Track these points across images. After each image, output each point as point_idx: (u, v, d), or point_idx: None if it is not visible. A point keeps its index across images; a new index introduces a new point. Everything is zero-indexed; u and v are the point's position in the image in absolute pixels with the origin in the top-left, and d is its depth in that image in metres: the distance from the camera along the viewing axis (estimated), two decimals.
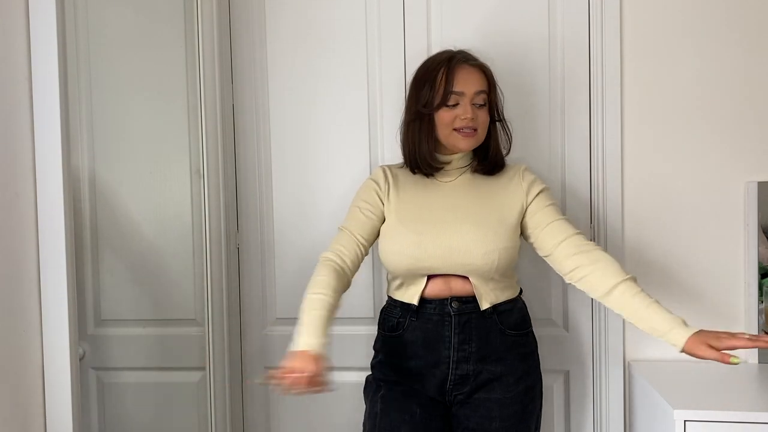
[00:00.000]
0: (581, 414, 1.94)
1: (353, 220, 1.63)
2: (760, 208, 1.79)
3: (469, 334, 1.55)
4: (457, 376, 1.55)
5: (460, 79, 1.56)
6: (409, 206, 1.59)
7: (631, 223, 1.86)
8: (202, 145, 1.84)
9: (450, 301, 1.55)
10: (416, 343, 1.57)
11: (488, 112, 1.59)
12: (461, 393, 1.57)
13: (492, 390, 1.56)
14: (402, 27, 1.92)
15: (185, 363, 1.93)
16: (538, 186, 1.61)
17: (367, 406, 1.63)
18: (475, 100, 1.56)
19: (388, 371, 1.61)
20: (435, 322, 1.56)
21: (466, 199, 1.59)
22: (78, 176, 1.77)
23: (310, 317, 1.46)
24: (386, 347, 1.63)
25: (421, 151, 1.60)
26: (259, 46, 1.97)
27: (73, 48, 1.72)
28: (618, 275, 1.49)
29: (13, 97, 1.23)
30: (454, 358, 1.55)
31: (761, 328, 1.80)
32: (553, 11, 1.88)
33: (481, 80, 1.58)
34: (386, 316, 1.65)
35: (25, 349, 1.25)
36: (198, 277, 1.87)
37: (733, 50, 1.81)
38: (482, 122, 1.58)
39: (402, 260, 1.54)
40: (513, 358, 1.58)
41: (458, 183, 1.62)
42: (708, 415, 1.47)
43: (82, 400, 1.38)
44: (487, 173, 1.63)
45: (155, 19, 1.89)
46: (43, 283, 1.27)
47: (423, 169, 1.62)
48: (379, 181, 1.64)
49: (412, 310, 1.57)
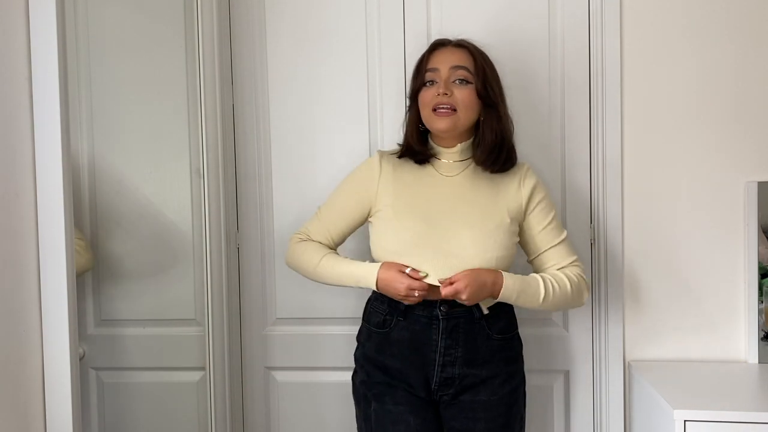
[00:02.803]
0: (581, 414, 1.93)
1: (332, 213, 1.63)
2: (760, 208, 1.79)
3: (456, 339, 1.53)
4: (443, 379, 1.54)
5: (437, 56, 1.55)
6: (407, 200, 1.56)
7: (631, 223, 1.86)
8: (202, 145, 1.84)
9: (439, 304, 1.52)
10: (402, 344, 1.55)
11: (476, 93, 1.53)
12: (446, 394, 1.56)
13: (478, 392, 1.55)
14: (402, 27, 1.92)
15: (185, 363, 1.93)
16: (540, 192, 1.60)
17: (360, 421, 1.63)
18: (453, 76, 1.52)
19: (371, 369, 1.58)
20: (423, 324, 1.53)
21: (467, 198, 1.56)
22: (78, 176, 1.77)
23: (346, 261, 1.57)
24: (371, 342, 1.60)
25: (408, 138, 1.60)
26: (259, 46, 1.97)
27: (73, 48, 1.72)
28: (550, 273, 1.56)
29: (13, 97, 1.23)
30: (439, 361, 1.53)
31: (761, 327, 1.80)
32: (553, 11, 1.88)
33: (461, 57, 1.54)
34: (372, 310, 1.61)
35: (25, 349, 1.25)
36: (198, 277, 1.87)
37: (733, 50, 1.81)
38: (462, 101, 1.51)
39: (396, 260, 1.52)
40: (498, 362, 1.56)
41: (460, 179, 1.59)
42: (708, 415, 1.47)
43: (82, 400, 1.37)
44: (488, 165, 1.57)
45: (155, 19, 1.89)
46: (43, 283, 1.27)
47: (411, 155, 1.60)
48: (373, 173, 1.61)
49: (400, 309, 1.54)
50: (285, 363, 2.01)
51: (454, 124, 1.53)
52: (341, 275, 1.57)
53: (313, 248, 1.63)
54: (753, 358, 1.81)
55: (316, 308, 1.98)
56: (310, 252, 1.63)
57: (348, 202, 1.63)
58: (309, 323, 1.99)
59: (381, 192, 1.58)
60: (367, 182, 1.61)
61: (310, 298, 1.98)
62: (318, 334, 1.98)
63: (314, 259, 1.61)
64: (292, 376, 2.01)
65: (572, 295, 1.56)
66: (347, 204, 1.63)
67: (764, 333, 1.80)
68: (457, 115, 1.52)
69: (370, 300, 1.64)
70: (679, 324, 1.85)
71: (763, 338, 1.80)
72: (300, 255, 1.64)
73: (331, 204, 1.66)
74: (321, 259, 1.60)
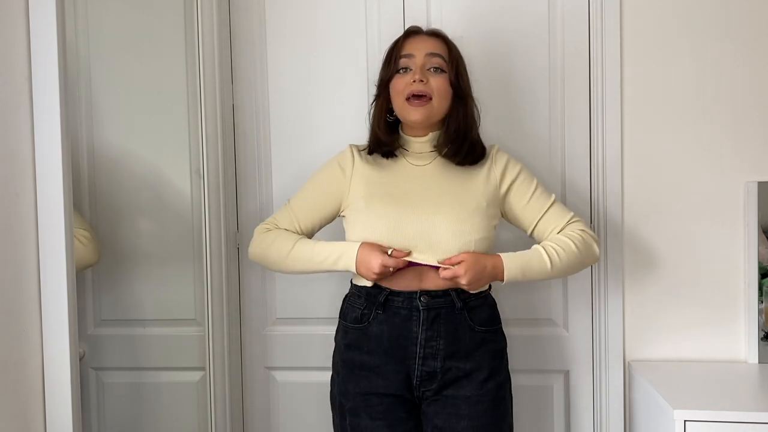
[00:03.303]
0: (581, 414, 1.93)
1: (303, 204, 1.60)
2: (760, 208, 1.79)
3: (438, 330, 1.49)
4: (424, 373, 1.49)
5: (411, 43, 1.52)
6: (380, 191, 1.53)
7: (631, 223, 1.86)
8: (202, 145, 1.84)
9: (419, 295, 1.49)
10: (381, 337, 1.50)
11: (449, 82, 1.51)
12: (429, 389, 1.51)
13: (461, 387, 1.49)
14: (402, 27, 1.91)
15: (185, 363, 1.93)
16: (513, 169, 1.57)
17: (337, 429, 1.60)
18: (429, 63, 1.49)
19: (347, 374, 1.54)
20: (402, 316, 1.49)
21: (440, 186, 1.52)
22: (78, 175, 1.77)
23: (323, 242, 1.54)
24: (347, 339, 1.56)
25: (375, 128, 1.56)
26: (259, 46, 1.97)
27: (73, 48, 1.72)
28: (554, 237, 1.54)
29: (13, 97, 1.23)
30: (420, 354, 1.49)
31: (761, 328, 1.80)
32: (553, 10, 1.88)
33: (436, 45, 1.52)
34: (349, 306, 1.57)
35: (25, 349, 1.25)
36: (198, 277, 1.87)
37: (732, 49, 1.81)
38: (437, 89, 1.49)
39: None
40: (482, 355, 1.51)
41: (431, 168, 1.55)
42: (708, 415, 1.47)
43: (82, 400, 1.38)
44: (452, 159, 1.53)
45: (155, 19, 1.89)
46: (43, 283, 1.27)
47: (378, 147, 1.55)
48: (345, 165, 1.58)
49: (379, 302, 1.50)
50: (285, 363, 2.01)
51: (429, 114, 1.50)
52: (317, 257, 1.52)
53: (285, 235, 1.58)
54: (753, 358, 1.81)
55: (316, 308, 1.98)
56: (281, 240, 1.57)
57: (319, 193, 1.60)
58: (309, 323, 1.99)
59: (354, 184, 1.55)
60: (339, 174, 1.58)
61: (310, 298, 1.98)
62: (318, 334, 1.98)
63: (286, 246, 1.55)
64: (292, 376, 2.01)
65: (581, 254, 1.53)
66: (319, 195, 1.60)
67: (764, 333, 1.80)
68: (431, 104, 1.49)
69: (346, 297, 1.60)
70: (679, 324, 1.85)
71: (763, 338, 1.80)
72: (270, 244, 1.59)
73: (303, 195, 1.62)
74: (294, 244, 1.55)
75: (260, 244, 1.62)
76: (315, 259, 1.53)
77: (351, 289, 1.59)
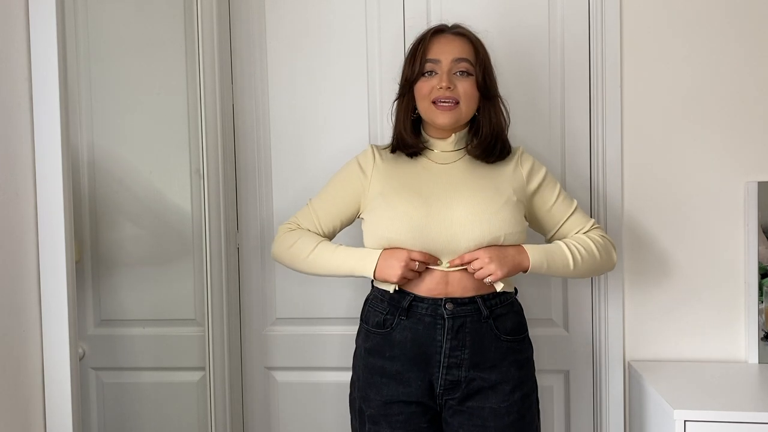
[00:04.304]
0: (581, 414, 1.93)
1: (324, 204, 1.58)
2: (760, 208, 1.79)
3: (463, 339, 1.45)
4: (448, 382, 1.46)
5: (437, 46, 1.49)
6: (401, 189, 1.49)
7: (630, 223, 1.86)
8: (202, 145, 1.84)
9: (444, 302, 1.45)
10: (405, 344, 1.46)
11: (476, 85, 1.48)
12: (452, 398, 1.47)
13: (486, 398, 1.45)
14: (402, 27, 1.92)
15: (185, 363, 1.93)
16: (539, 172, 1.56)
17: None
18: (456, 68, 1.47)
19: (368, 378, 1.50)
20: (427, 323, 1.45)
21: (466, 183, 1.49)
22: (78, 175, 1.77)
23: (344, 247, 1.52)
24: (369, 344, 1.52)
25: (399, 128, 1.54)
26: (259, 46, 1.97)
27: (73, 48, 1.73)
28: (574, 236, 1.55)
29: (13, 97, 1.23)
30: (444, 363, 1.45)
31: (761, 328, 1.80)
32: (553, 9, 1.88)
33: (463, 47, 1.49)
34: (371, 309, 1.53)
35: (25, 349, 1.25)
36: (198, 277, 1.87)
37: (733, 50, 1.81)
38: (464, 93, 1.47)
39: (399, 243, 1.44)
40: (508, 366, 1.47)
41: (456, 167, 1.53)
42: (708, 415, 1.47)
43: (82, 400, 1.38)
44: (483, 158, 1.52)
45: (155, 19, 1.89)
46: (43, 283, 1.27)
47: (403, 148, 1.53)
48: (365, 166, 1.56)
49: (402, 307, 1.46)
50: (285, 363, 2.01)
51: (457, 118, 1.49)
52: (338, 260, 1.50)
53: (307, 236, 1.56)
54: (753, 358, 1.81)
55: (316, 308, 1.98)
56: (305, 239, 1.55)
57: (341, 193, 1.57)
58: (309, 323, 1.99)
59: (374, 184, 1.53)
60: (360, 174, 1.56)
61: (310, 298, 1.98)
62: (318, 334, 1.98)
63: (309, 246, 1.53)
64: (292, 376, 2.01)
65: (601, 257, 1.53)
66: (340, 195, 1.57)
67: (764, 333, 1.80)
68: (459, 109, 1.48)
69: (368, 299, 1.57)
70: (679, 324, 1.85)
71: (763, 338, 1.80)
72: (292, 243, 1.56)
73: (323, 195, 1.60)
74: (317, 245, 1.53)
75: (283, 243, 1.60)
76: (334, 262, 1.51)
77: (373, 292, 1.55)
